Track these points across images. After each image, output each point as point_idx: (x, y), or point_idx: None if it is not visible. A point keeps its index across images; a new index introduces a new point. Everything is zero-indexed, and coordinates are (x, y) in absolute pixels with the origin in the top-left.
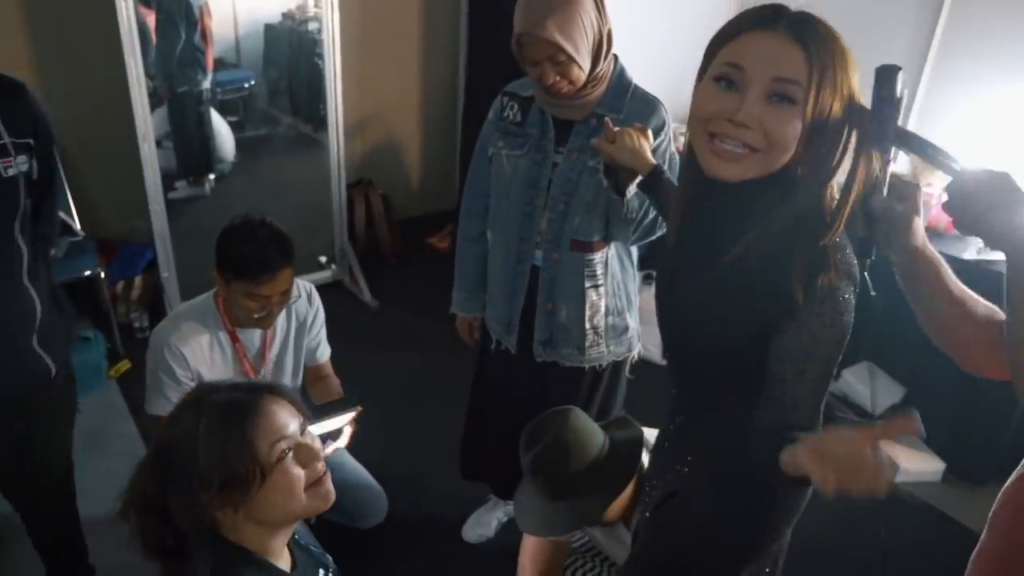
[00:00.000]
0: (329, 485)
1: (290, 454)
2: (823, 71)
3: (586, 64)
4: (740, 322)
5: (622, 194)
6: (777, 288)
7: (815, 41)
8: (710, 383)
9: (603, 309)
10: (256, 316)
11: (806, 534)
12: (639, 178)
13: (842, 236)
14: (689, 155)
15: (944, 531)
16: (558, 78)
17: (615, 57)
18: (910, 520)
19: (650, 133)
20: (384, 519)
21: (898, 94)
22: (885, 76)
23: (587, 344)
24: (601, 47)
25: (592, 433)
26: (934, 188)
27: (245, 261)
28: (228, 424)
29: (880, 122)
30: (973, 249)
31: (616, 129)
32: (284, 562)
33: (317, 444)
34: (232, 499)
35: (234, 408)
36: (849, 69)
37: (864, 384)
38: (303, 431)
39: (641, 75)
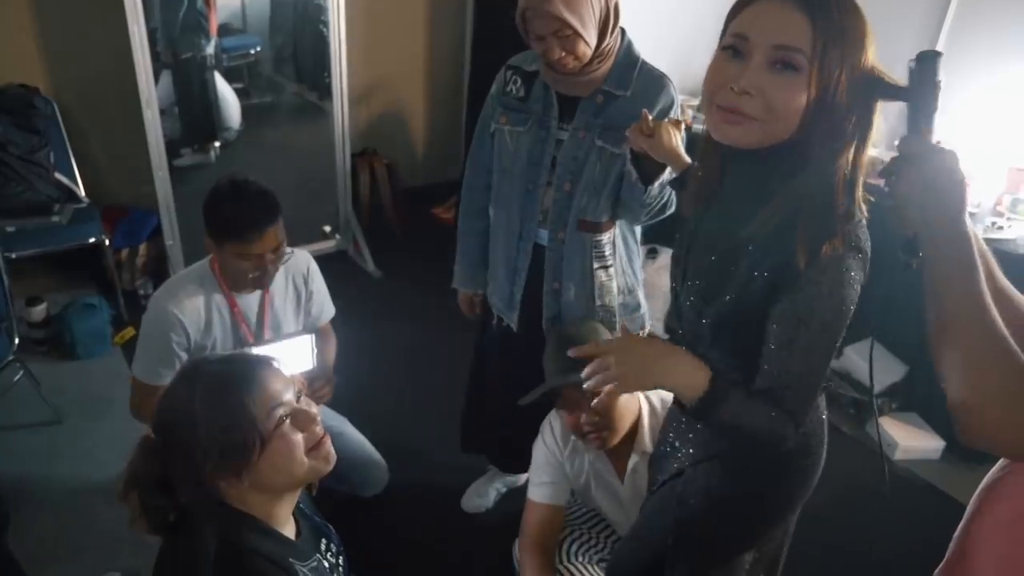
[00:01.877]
0: (330, 447)
1: (288, 420)
2: (828, 41)
3: (592, 39)
4: (748, 292)
5: (650, 183)
6: (785, 258)
7: (822, 11)
8: (717, 362)
9: (615, 289)
10: (252, 276)
11: (805, 513)
12: (669, 173)
13: (858, 213)
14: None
15: (942, 508)
16: (563, 53)
17: (622, 31)
18: (909, 498)
19: (683, 126)
20: (384, 489)
21: (938, 77)
22: (926, 61)
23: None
24: (608, 21)
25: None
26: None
27: (232, 222)
28: (224, 394)
29: (919, 106)
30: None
31: (652, 122)
32: (289, 530)
33: (314, 409)
34: (234, 467)
35: (229, 378)
36: (861, 41)
37: (866, 361)
38: (299, 398)
39: (651, 48)
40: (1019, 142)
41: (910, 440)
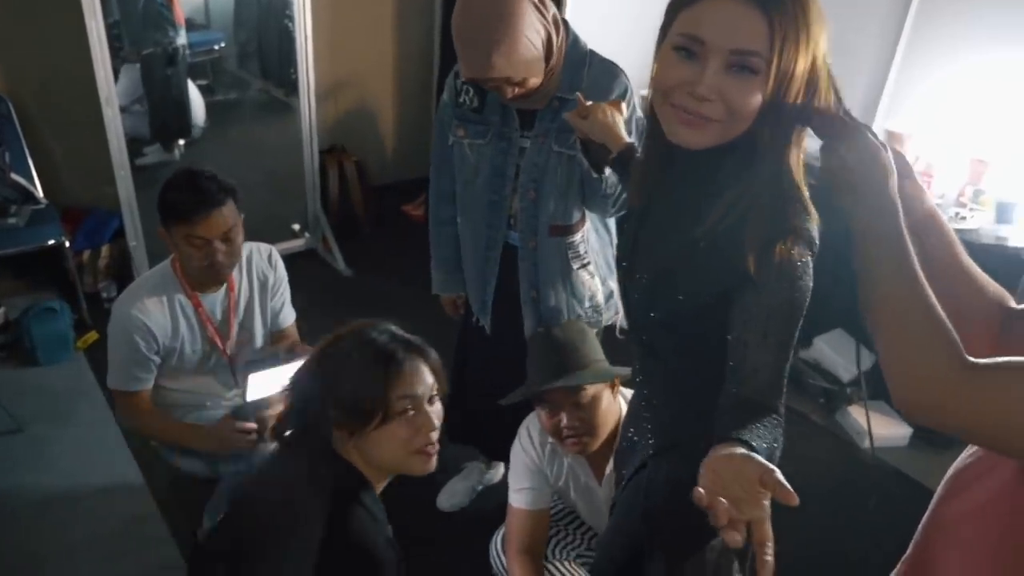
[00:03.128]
0: (434, 459)
1: (411, 413)
2: (785, 39)
3: (541, 69)
4: (700, 290)
5: (600, 171)
6: (737, 257)
7: (778, 7)
8: (669, 354)
9: (599, 284)
10: (204, 265)
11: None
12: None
13: (804, 202)
14: (652, 120)
15: (911, 494)
16: (518, 90)
17: (565, 25)
18: (879, 484)
19: (624, 106)
20: None
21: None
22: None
23: (585, 320)
24: (551, 41)
25: (598, 347)
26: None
27: (180, 201)
28: (375, 366)
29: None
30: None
31: (588, 104)
32: None
33: (437, 420)
34: (350, 425)
35: (385, 354)
36: (815, 33)
37: (836, 351)
38: (431, 400)
39: (619, 45)
40: (980, 133)
41: (879, 428)
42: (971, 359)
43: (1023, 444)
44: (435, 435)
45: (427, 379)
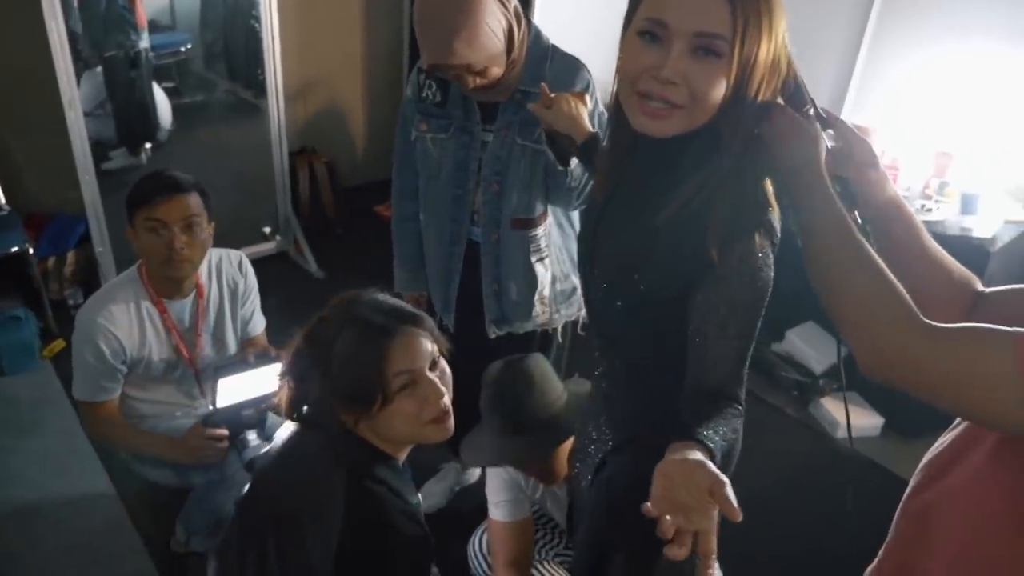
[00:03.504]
0: (450, 423)
1: (413, 387)
2: (747, 24)
3: (503, 58)
4: (662, 282)
5: (566, 163)
6: (699, 247)
7: None
8: (630, 347)
9: (549, 279)
10: (164, 257)
11: (751, 494)
12: (578, 143)
13: (766, 194)
14: (617, 110)
15: (883, 482)
16: (479, 80)
17: (527, 20)
18: (852, 474)
19: (588, 98)
20: None
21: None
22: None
23: (534, 314)
24: (513, 32)
25: (554, 380)
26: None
27: (143, 187)
28: (366, 344)
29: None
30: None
31: (552, 95)
32: None
33: (447, 379)
34: (353, 412)
35: (373, 331)
36: (776, 19)
37: (808, 344)
38: (434, 365)
39: (588, 45)
40: (944, 127)
41: (852, 419)
42: (929, 322)
43: (972, 404)
44: (446, 400)
45: (424, 347)
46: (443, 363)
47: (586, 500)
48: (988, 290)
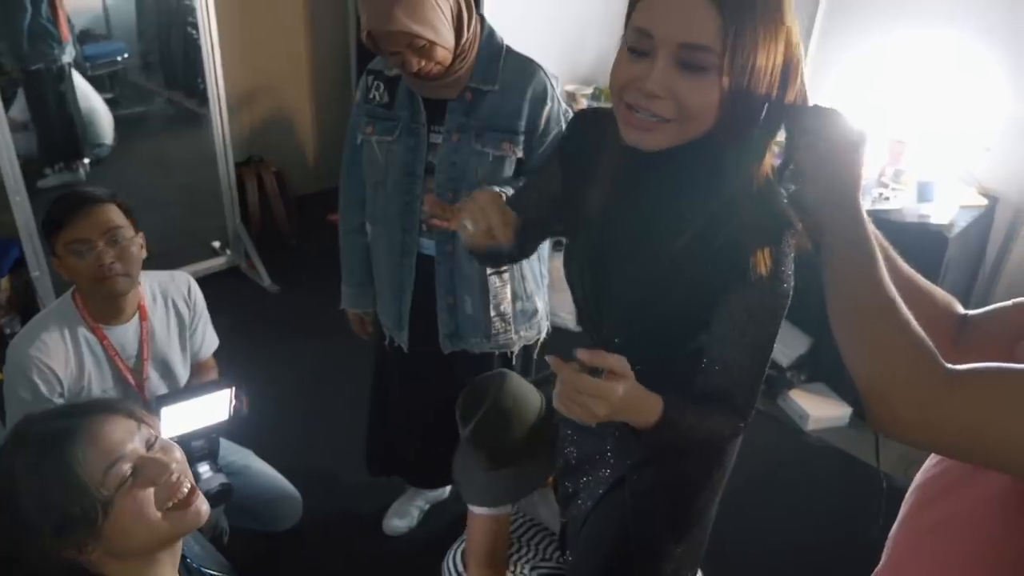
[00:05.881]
0: (198, 503)
1: (133, 477)
2: (739, 33)
3: (449, 41)
4: (679, 298)
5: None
6: (727, 261)
7: (734, 1)
8: (651, 361)
9: (509, 295)
10: (96, 277)
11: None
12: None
13: (781, 203)
14: (614, 129)
15: (853, 472)
16: (424, 62)
17: (481, 19)
18: (822, 464)
19: (501, 194)
20: (298, 521)
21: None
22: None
23: (494, 332)
24: (462, 17)
25: (529, 396)
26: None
27: (56, 211)
28: (48, 460)
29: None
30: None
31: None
32: None
33: (173, 454)
34: (76, 542)
35: (52, 440)
36: (776, 24)
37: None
38: (150, 445)
39: (540, 43)
40: (897, 114)
41: (820, 410)
42: (950, 368)
43: (1008, 455)
44: (174, 476)
45: (123, 428)
46: (164, 441)
47: (596, 513)
48: (971, 313)
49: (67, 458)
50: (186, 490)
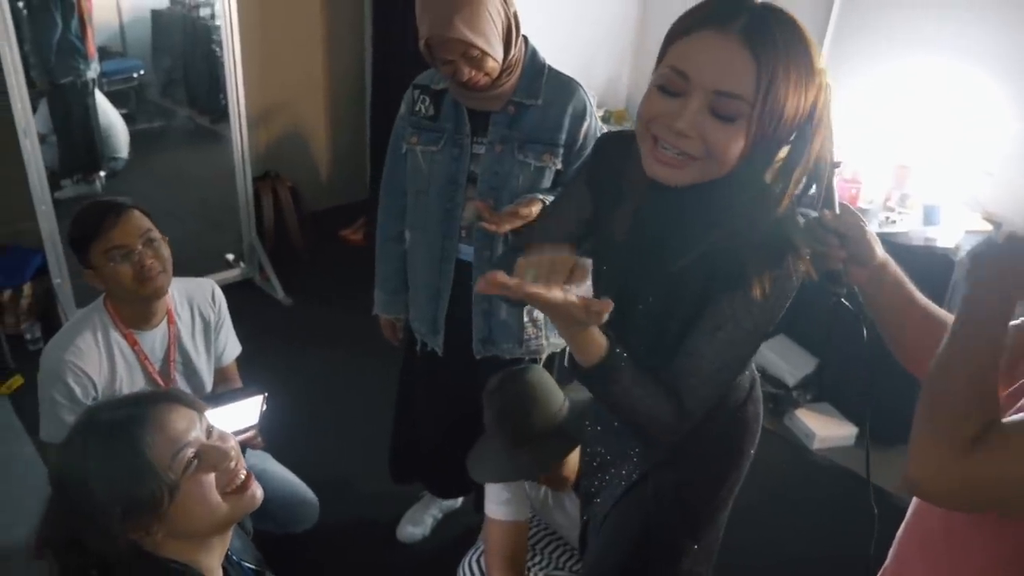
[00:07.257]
0: (254, 488)
1: (196, 461)
2: (772, 82)
3: (499, 54)
4: (690, 308)
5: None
6: (726, 270)
7: (768, 47)
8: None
9: None
10: (137, 280)
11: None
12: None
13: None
14: (638, 154)
15: (860, 491)
16: (474, 72)
17: (525, 39)
18: (828, 484)
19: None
20: (315, 524)
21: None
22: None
23: (526, 337)
24: (511, 33)
25: (554, 388)
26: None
27: (86, 222)
28: (118, 446)
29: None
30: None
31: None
32: None
33: (229, 443)
34: (144, 523)
35: (121, 427)
36: (810, 70)
37: (781, 357)
38: (209, 433)
39: (551, 60)
40: (902, 139)
41: (826, 430)
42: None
43: None
44: (232, 463)
45: (186, 417)
46: (220, 430)
47: (616, 512)
48: None
49: (137, 444)
50: (243, 476)
